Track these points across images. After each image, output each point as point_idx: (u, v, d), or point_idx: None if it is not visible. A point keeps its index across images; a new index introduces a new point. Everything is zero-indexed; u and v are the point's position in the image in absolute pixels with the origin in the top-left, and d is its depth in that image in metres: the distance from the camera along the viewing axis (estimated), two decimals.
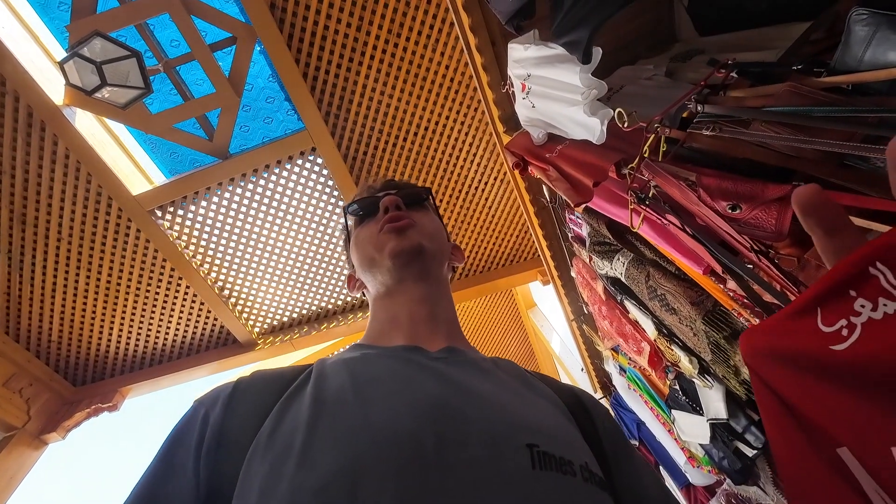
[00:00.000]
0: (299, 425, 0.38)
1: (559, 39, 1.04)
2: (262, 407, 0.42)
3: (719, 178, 0.76)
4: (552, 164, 1.36)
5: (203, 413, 0.43)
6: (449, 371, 0.45)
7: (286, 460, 0.35)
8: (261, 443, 0.38)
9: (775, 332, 0.26)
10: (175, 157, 2.94)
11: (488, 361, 0.52)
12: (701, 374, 1.34)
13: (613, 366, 2.30)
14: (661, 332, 1.37)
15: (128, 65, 2.08)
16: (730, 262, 0.77)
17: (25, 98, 2.34)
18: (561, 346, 4.59)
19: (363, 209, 0.65)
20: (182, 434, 0.42)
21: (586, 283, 1.87)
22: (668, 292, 1.15)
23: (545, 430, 0.41)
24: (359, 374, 0.44)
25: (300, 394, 0.42)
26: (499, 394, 0.44)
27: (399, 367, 0.46)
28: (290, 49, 2.51)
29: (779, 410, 0.25)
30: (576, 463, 0.38)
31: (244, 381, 0.46)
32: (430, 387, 0.42)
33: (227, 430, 0.41)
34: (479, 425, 0.38)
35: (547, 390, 0.51)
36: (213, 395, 0.45)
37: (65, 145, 2.50)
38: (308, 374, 0.46)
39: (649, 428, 2.14)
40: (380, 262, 0.57)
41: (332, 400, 0.41)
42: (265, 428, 0.39)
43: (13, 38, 2.29)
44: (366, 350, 0.51)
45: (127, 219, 2.82)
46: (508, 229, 3.52)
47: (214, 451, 0.39)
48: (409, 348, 0.50)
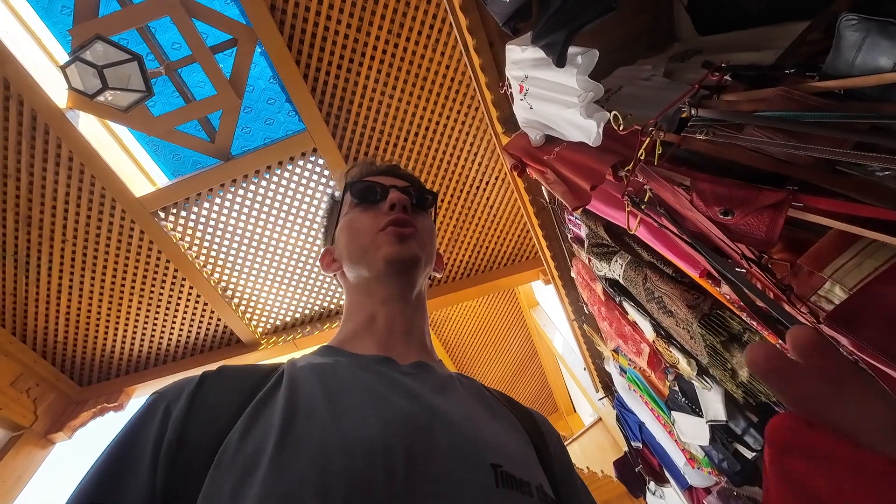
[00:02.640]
0: (271, 429, 0.37)
1: (538, 42, 1.04)
2: (231, 406, 0.40)
3: (714, 182, 0.76)
4: (549, 167, 1.36)
5: (164, 407, 0.40)
6: (417, 387, 0.46)
7: (258, 464, 0.34)
8: (231, 444, 0.36)
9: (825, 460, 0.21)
10: (177, 159, 2.97)
11: (454, 379, 0.52)
12: (699, 376, 1.33)
13: (614, 366, 2.29)
14: (659, 333, 1.37)
15: (129, 68, 2.10)
16: (721, 267, 0.76)
17: (29, 101, 2.36)
18: (563, 345, 4.58)
19: (370, 194, 0.61)
20: (139, 429, 0.39)
21: (586, 283, 1.87)
22: (665, 294, 1.15)
23: (507, 451, 0.42)
24: (330, 384, 0.43)
25: (272, 398, 0.41)
26: (464, 412, 0.45)
27: (370, 380, 0.45)
28: (291, 50, 2.52)
29: None
30: (532, 484, 0.39)
31: (210, 376, 0.44)
32: (400, 403, 0.42)
33: (192, 427, 0.38)
34: (447, 443, 0.39)
35: (506, 412, 0.52)
36: (175, 388, 0.42)
37: (68, 148, 2.53)
38: (279, 376, 0.44)
39: (649, 429, 2.14)
40: (371, 260, 0.56)
41: (304, 407, 0.40)
42: (237, 429, 0.38)
43: (16, 41, 2.31)
44: (338, 356, 0.50)
45: (130, 220, 2.84)
46: (510, 229, 3.52)
47: (175, 450, 0.37)
48: (381, 359, 0.50)
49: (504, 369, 5.81)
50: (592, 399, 3.88)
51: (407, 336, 0.54)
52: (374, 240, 0.56)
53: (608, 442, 4.07)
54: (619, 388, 2.38)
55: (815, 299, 0.61)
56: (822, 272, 0.60)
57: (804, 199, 0.62)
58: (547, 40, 1.02)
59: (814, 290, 0.60)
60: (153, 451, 0.37)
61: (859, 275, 0.56)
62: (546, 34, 1.01)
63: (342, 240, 0.60)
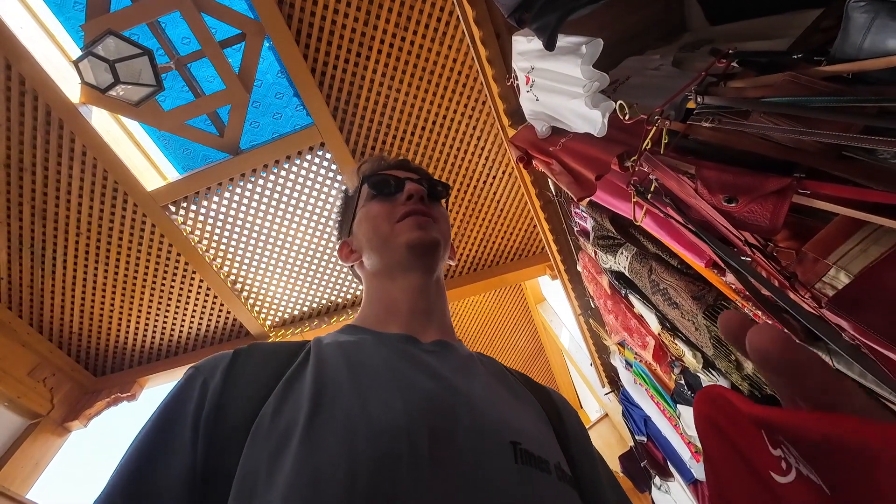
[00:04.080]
0: (302, 405, 0.38)
1: (531, 25, 1.04)
2: (263, 380, 0.42)
3: (719, 170, 0.76)
4: (555, 158, 1.36)
5: (202, 381, 0.41)
6: (440, 366, 0.47)
7: (290, 438, 0.35)
8: (266, 418, 0.38)
9: (724, 413, 0.24)
10: (187, 154, 3.01)
11: (475, 358, 0.53)
12: (705, 369, 1.33)
13: (620, 360, 2.28)
14: (664, 326, 1.36)
15: (140, 63, 2.13)
16: (726, 256, 0.76)
17: (44, 97, 2.41)
18: (570, 341, 4.57)
19: (386, 186, 0.63)
20: (179, 402, 0.40)
21: (592, 277, 1.86)
22: (670, 286, 1.14)
23: (525, 429, 0.43)
24: (355, 360, 0.44)
25: (301, 375, 0.42)
26: (485, 391, 0.46)
27: (394, 358, 0.46)
28: (299, 44, 2.53)
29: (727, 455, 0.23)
30: (551, 462, 0.40)
31: (244, 352, 0.45)
32: (423, 381, 0.43)
33: (228, 400, 0.40)
34: (468, 421, 0.40)
35: (525, 390, 0.53)
36: (211, 363, 0.44)
37: (82, 142, 2.57)
38: (307, 353, 0.46)
39: (655, 423, 2.13)
40: (393, 247, 0.57)
41: (331, 386, 0.41)
42: (269, 403, 0.39)
43: (31, 37, 2.36)
44: (362, 335, 0.52)
45: (142, 214, 2.89)
46: (517, 223, 3.51)
47: (213, 423, 0.38)
48: (404, 338, 0.51)
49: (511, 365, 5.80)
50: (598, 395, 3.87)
51: (428, 316, 0.56)
52: (393, 229, 0.58)
53: (614, 437, 4.06)
54: (625, 383, 2.37)
55: (819, 286, 0.60)
56: (827, 259, 0.59)
57: (810, 185, 0.61)
58: (539, 23, 1.02)
59: (818, 276, 0.60)
60: (193, 425, 0.38)
61: (864, 261, 0.55)
62: (539, 17, 1.01)
63: (362, 231, 0.62)
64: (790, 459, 0.19)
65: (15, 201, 2.68)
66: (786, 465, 0.19)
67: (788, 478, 0.19)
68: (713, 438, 0.24)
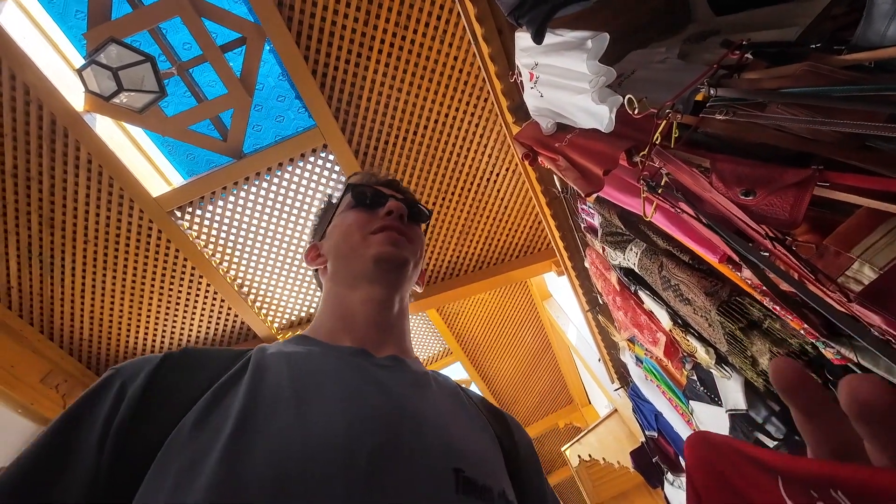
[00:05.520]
0: (228, 419, 0.35)
1: (522, 18, 1.03)
2: (190, 390, 0.39)
3: (735, 163, 0.74)
4: (561, 154, 1.34)
5: (119, 384, 0.39)
6: (390, 381, 0.45)
7: (209, 454, 0.33)
8: (184, 431, 0.35)
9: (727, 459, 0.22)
10: (191, 159, 3.01)
11: (429, 377, 0.51)
12: (718, 365, 1.31)
13: (630, 356, 2.27)
14: (676, 322, 1.34)
15: (143, 69, 2.13)
16: (744, 250, 0.74)
17: (48, 106, 2.42)
18: (577, 337, 4.55)
19: (369, 197, 0.63)
20: (90, 405, 0.37)
21: (600, 273, 1.84)
22: (681, 282, 1.13)
23: (471, 454, 0.41)
24: (300, 372, 0.42)
25: (235, 385, 0.40)
26: (434, 413, 0.44)
27: (343, 371, 0.44)
28: (299, 46, 2.53)
29: None
30: (494, 490, 0.39)
31: (173, 357, 0.42)
32: (370, 397, 0.42)
33: (147, 407, 0.37)
34: (412, 445, 0.38)
35: (477, 412, 0.52)
36: (134, 366, 0.41)
37: (87, 150, 2.58)
38: (245, 362, 0.43)
39: (667, 419, 2.11)
40: (360, 256, 0.56)
41: (268, 398, 0.38)
42: (191, 415, 0.36)
43: (34, 47, 2.36)
44: (311, 346, 0.49)
45: (148, 220, 2.90)
46: (522, 220, 3.49)
47: (127, 429, 0.35)
48: (356, 351, 0.49)
49: (517, 362, 5.80)
50: (608, 390, 3.86)
51: (385, 333, 0.54)
52: (365, 239, 0.57)
53: (624, 433, 4.04)
54: (635, 378, 2.36)
55: (842, 280, 0.59)
56: (850, 252, 0.58)
57: (831, 176, 0.59)
58: (529, 17, 1.01)
59: (841, 270, 0.58)
60: (102, 429, 0.35)
61: (891, 254, 0.54)
62: (530, 10, 1.00)
63: (334, 236, 0.61)
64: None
65: (23, 210, 2.69)
66: None
67: None
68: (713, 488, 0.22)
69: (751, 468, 0.21)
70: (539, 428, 6.40)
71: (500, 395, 5.95)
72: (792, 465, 0.19)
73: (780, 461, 0.19)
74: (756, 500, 0.20)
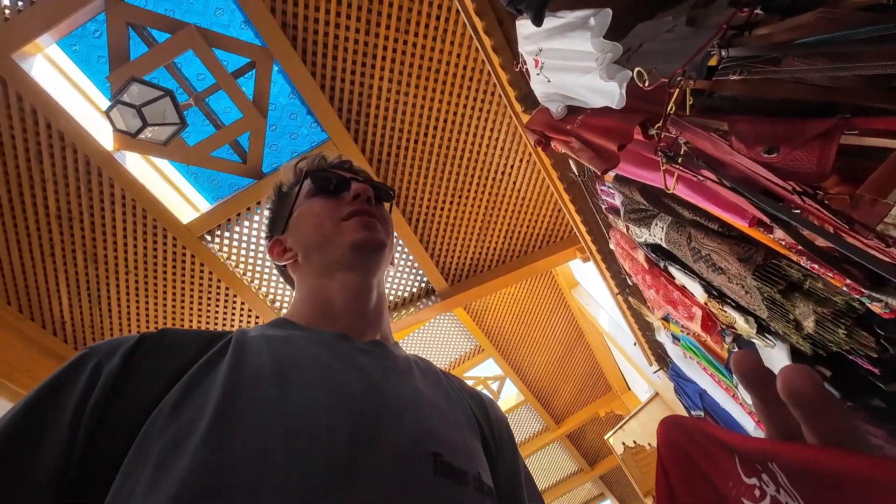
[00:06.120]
0: (210, 399, 0.35)
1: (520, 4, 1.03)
2: (169, 371, 0.38)
3: (754, 122, 0.72)
4: (574, 136, 1.33)
5: (94, 363, 0.37)
6: (371, 366, 0.45)
7: (190, 435, 0.32)
8: (164, 411, 0.34)
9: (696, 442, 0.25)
10: (215, 184, 3.14)
11: (409, 361, 0.52)
12: (760, 334, 1.27)
13: (666, 336, 2.22)
14: (710, 294, 1.31)
15: (163, 103, 2.24)
16: (774, 210, 0.73)
17: (82, 149, 2.58)
18: (609, 323, 4.47)
19: (331, 184, 0.60)
20: (62, 383, 0.36)
21: (626, 253, 1.82)
22: (713, 252, 1.10)
23: (450, 439, 0.42)
24: (281, 355, 0.42)
25: (216, 365, 0.39)
26: (414, 397, 0.45)
27: (323, 354, 0.44)
28: (306, 64, 2.60)
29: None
30: (470, 473, 0.40)
31: (151, 337, 0.41)
32: (350, 380, 0.42)
33: (124, 386, 0.36)
34: (391, 428, 0.39)
35: (458, 396, 0.52)
36: (109, 345, 0.40)
37: (120, 187, 2.74)
38: (226, 343, 0.43)
39: (712, 396, 2.05)
40: (335, 245, 0.55)
41: (250, 378, 0.38)
42: (171, 395, 0.36)
43: (64, 95, 2.52)
44: (292, 330, 0.49)
45: (182, 246, 3.04)
46: (541, 210, 3.46)
47: (103, 408, 0.34)
48: (336, 335, 0.49)
49: (550, 354, 5.74)
50: (646, 374, 3.77)
51: (365, 318, 0.54)
52: (337, 226, 0.56)
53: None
54: (674, 358, 2.30)
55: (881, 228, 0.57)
56: (886, 199, 0.56)
57: (857, 122, 0.58)
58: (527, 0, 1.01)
59: (879, 218, 0.56)
60: (76, 408, 0.34)
61: None
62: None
63: (301, 228, 0.59)
64: (766, 488, 0.21)
65: (68, 249, 2.87)
66: (759, 492, 0.21)
67: None
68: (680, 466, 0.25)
69: (715, 448, 0.24)
70: (579, 418, 6.31)
71: (535, 389, 5.90)
72: (745, 445, 0.23)
73: (737, 442, 0.23)
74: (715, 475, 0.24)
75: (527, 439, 6.40)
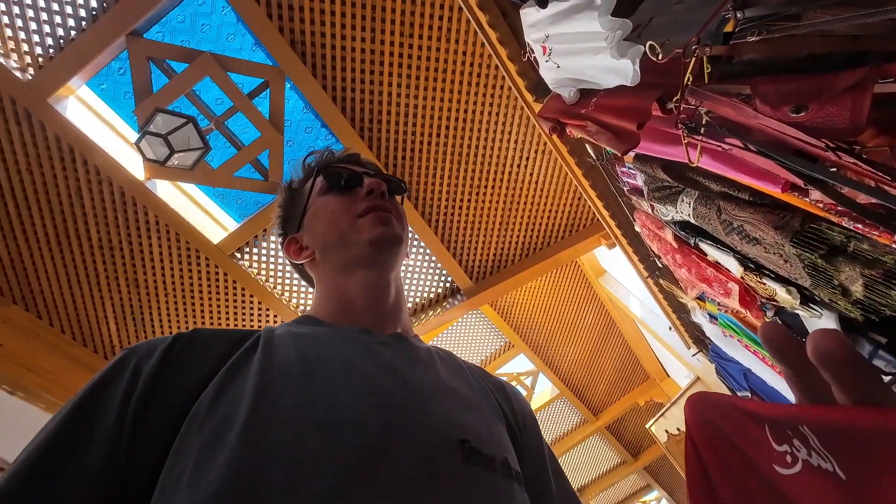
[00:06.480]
0: (244, 396, 0.36)
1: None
2: (204, 368, 0.39)
3: (777, 82, 0.70)
4: (589, 119, 1.32)
5: (135, 363, 0.39)
6: (394, 359, 0.46)
7: (228, 431, 0.34)
8: (201, 411, 0.36)
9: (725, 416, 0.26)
10: (241, 203, 3.26)
11: (432, 352, 0.52)
12: (804, 305, 1.22)
13: (702, 316, 2.14)
14: (747, 267, 1.26)
15: (187, 130, 2.35)
16: (809, 170, 0.70)
17: (117, 181, 2.72)
18: (641, 309, 4.36)
19: (344, 180, 0.60)
20: (107, 385, 0.37)
21: (653, 234, 1.77)
22: (745, 222, 1.06)
23: (475, 426, 0.43)
24: (307, 353, 0.43)
25: (247, 363, 0.40)
26: (438, 388, 0.45)
27: (348, 349, 0.45)
28: (316, 77, 2.66)
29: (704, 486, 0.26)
30: (497, 459, 0.40)
31: (185, 337, 0.43)
32: (376, 377, 0.42)
33: (163, 386, 0.37)
34: (419, 419, 0.40)
35: (480, 384, 0.52)
36: (147, 346, 0.41)
37: (154, 213, 2.87)
38: (255, 341, 0.44)
39: (757, 375, 1.97)
40: (352, 242, 0.55)
41: (279, 375, 0.39)
42: (207, 394, 0.37)
43: (97, 132, 2.67)
44: (316, 327, 0.50)
45: (214, 265, 3.17)
46: (561, 199, 3.42)
47: (144, 408, 0.36)
48: (359, 330, 0.50)
49: (583, 346, 5.64)
50: (685, 358, 3.65)
51: (386, 312, 0.54)
52: (353, 225, 0.56)
53: None
54: (713, 338, 2.22)
55: None
56: None
57: (891, 69, 0.55)
58: None
59: None
60: (121, 407, 0.36)
61: None
62: None
63: (317, 226, 0.59)
64: (798, 452, 0.21)
65: (112, 276, 3.04)
66: (791, 458, 0.21)
67: (794, 469, 0.21)
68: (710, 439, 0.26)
69: (744, 419, 0.24)
70: (618, 409, 6.17)
71: (570, 382, 5.81)
72: (774, 413, 0.23)
73: (766, 410, 0.23)
74: (746, 445, 0.24)
75: (565, 433, 6.31)
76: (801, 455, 0.21)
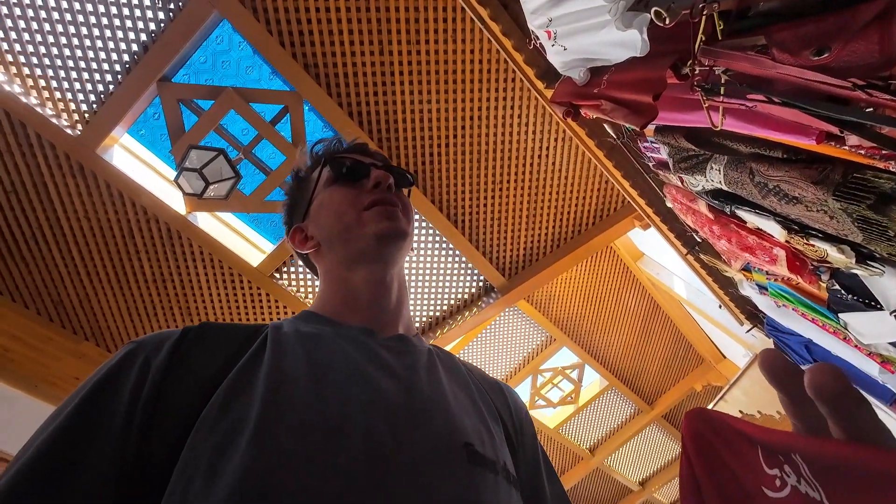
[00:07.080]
0: (254, 399, 0.36)
1: None
2: (213, 365, 0.39)
3: (794, 26, 0.66)
4: (603, 97, 1.29)
5: (143, 358, 0.38)
6: (397, 363, 0.47)
7: (239, 435, 0.34)
8: (211, 414, 0.35)
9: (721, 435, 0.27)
10: (274, 225, 3.42)
11: (432, 354, 0.52)
12: (861, 263, 1.13)
13: (750, 287, 2.03)
14: (790, 229, 1.19)
15: (219, 162, 2.49)
16: (842, 114, 0.65)
17: (163, 218, 2.93)
18: (686, 289, 4.17)
19: (351, 171, 0.59)
20: (114, 380, 0.36)
21: (686, 207, 1.70)
22: (781, 181, 1.00)
23: (477, 430, 0.43)
24: (314, 354, 0.43)
25: (256, 365, 0.40)
26: (440, 392, 0.46)
27: (353, 353, 0.46)
28: (331, 96, 2.75)
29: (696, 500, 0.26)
30: (498, 463, 0.41)
31: (193, 331, 0.42)
32: (381, 379, 0.43)
33: (173, 382, 0.37)
34: (423, 422, 0.40)
35: (479, 387, 0.52)
36: (155, 339, 0.40)
37: (198, 244, 3.06)
38: (263, 339, 0.44)
39: (820, 345, 1.84)
40: (357, 236, 0.55)
41: (287, 378, 0.39)
42: (217, 397, 0.36)
43: (140, 174, 2.89)
44: (321, 325, 0.50)
45: (257, 287, 3.33)
46: (587, 185, 3.35)
47: (153, 404, 0.35)
48: (363, 331, 0.50)
49: (628, 334, 5.45)
50: (739, 336, 3.46)
51: (388, 310, 0.54)
52: (358, 218, 0.55)
53: None
54: (766, 310, 2.09)
55: None
56: None
57: None
58: None
59: None
60: (129, 405, 0.35)
61: None
62: None
63: (323, 218, 0.58)
64: (787, 478, 0.22)
65: (167, 307, 3.26)
66: (780, 482, 0.23)
67: (781, 493, 0.22)
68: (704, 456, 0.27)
69: (739, 440, 0.26)
70: (673, 396, 5.90)
71: (619, 372, 5.62)
72: (768, 437, 0.24)
73: (761, 434, 0.25)
74: (738, 466, 0.25)
75: (619, 425, 6.10)
76: (791, 481, 0.22)
